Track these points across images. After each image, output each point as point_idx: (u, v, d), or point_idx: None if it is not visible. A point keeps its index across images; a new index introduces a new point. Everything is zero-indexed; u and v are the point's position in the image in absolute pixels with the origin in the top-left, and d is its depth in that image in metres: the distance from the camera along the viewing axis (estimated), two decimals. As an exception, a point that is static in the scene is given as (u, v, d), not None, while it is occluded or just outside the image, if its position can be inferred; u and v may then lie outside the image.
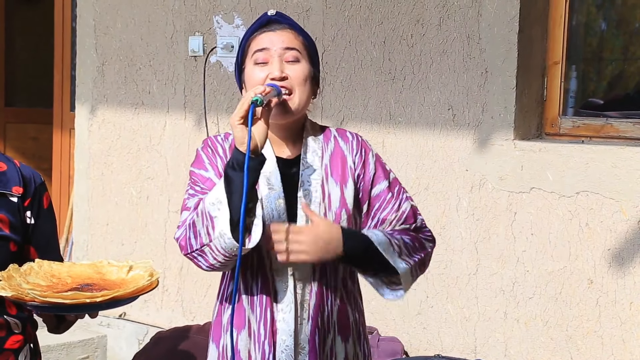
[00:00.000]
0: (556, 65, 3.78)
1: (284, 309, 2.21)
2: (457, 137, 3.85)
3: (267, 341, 2.21)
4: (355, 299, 2.33)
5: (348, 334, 2.29)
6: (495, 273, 3.77)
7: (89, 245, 5.28)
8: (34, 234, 2.39)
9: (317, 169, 2.26)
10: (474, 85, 3.79)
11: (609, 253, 3.49)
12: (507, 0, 3.68)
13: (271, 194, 2.21)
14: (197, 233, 2.12)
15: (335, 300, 2.26)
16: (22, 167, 2.41)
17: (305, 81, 2.23)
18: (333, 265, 2.24)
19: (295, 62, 2.23)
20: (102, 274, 2.22)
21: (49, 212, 2.45)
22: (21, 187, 2.35)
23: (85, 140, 5.29)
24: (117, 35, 5.08)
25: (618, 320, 3.48)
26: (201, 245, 2.11)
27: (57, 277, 2.18)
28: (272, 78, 2.19)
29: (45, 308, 2.06)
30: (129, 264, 2.24)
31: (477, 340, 3.83)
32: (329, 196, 2.24)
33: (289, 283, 2.21)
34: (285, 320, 2.21)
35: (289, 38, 2.24)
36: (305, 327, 2.22)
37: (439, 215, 3.90)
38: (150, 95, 4.95)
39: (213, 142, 2.30)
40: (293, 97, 2.21)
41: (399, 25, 3.99)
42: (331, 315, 2.25)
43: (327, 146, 2.30)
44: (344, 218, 2.24)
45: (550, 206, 3.62)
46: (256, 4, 4.47)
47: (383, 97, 4.06)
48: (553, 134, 3.79)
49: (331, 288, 2.25)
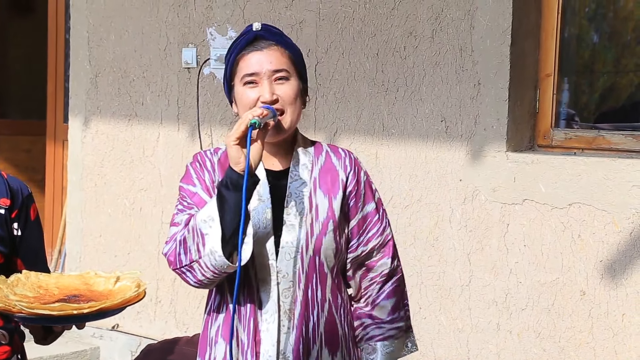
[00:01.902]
0: (548, 78, 3.79)
1: (267, 318, 2.23)
2: (450, 148, 3.86)
3: (249, 350, 2.22)
4: (346, 313, 2.34)
5: (336, 347, 2.29)
6: (488, 284, 3.77)
7: (82, 256, 5.28)
8: (21, 245, 2.39)
9: (305, 181, 2.28)
10: (466, 97, 3.81)
11: (602, 264, 3.50)
12: (499, 13, 3.70)
13: (259, 205, 2.24)
14: (187, 249, 2.15)
15: (322, 311, 2.27)
16: (9, 178, 2.40)
17: (295, 99, 2.27)
18: (320, 276, 2.26)
19: (284, 81, 2.26)
20: (90, 285, 2.22)
21: (36, 224, 2.44)
22: (8, 199, 2.35)
23: (79, 151, 5.29)
24: (111, 47, 5.09)
25: (610, 332, 3.49)
26: (190, 261, 2.15)
27: (45, 289, 2.18)
28: (263, 101, 2.22)
29: (32, 319, 2.06)
30: (116, 274, 2.25)
31: (470, 352, 3.83)
32: (317, 207, 2.26)
33: (272, 293, 2.23)
34: (268, 330, 2.22)
35: (276, 58, 2.26)
36: (289, 336, 2.23)
37: (432, 226, 3.91)
38: (144, 107, 4.96)
39: (202, 157, 2.33)
40: (285, 116, 2.25)
41: (391, 38, 4.01)
42: (317, 326, 2.25)
43: (318, 160, 2.33)
44: (331, 228, 2.26)
45: (542, 218, 3.62)
46: (249, 16, 4.48)
47: (376, 109, 4.07)
48: (545, 145, 3.81)
49: (317, 298, 2.26)
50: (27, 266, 2.34)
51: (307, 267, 2.24)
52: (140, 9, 4.95)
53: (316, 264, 2.25)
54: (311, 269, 2.24)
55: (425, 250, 3.92)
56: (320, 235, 2.25)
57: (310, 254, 2.24)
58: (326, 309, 2.27)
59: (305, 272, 2.24)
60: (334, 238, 2.27)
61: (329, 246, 2.26)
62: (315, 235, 2.24)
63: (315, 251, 2.24)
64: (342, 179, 2.32)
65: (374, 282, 2.38)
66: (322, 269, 2.26)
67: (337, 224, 2.27)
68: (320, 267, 2.26)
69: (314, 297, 2.25)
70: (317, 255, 2.24)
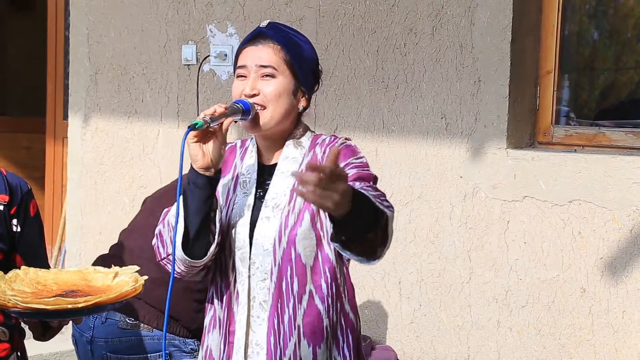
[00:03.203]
0: (549, 75, 3.79)
1: (240, 310, 2.27)
2: (450, 145, 3.86)
3: (222, 339, 2.29)
4: (335, 302, 2.29)
5: (319, 339, 2.26)
6: (489, 281, 3.77)
7: (82, 254, 5.27)
8: (20, 241, 2.39)
9: (290, 174, 2.30)
10: (466, 94, 3.80)
11: (602, 262, 3.50)
12: (499, 10, 3.70)
13: (242, 199, 2.31)
14: (163, 242, 2.27)
15: (299, 303, 2.25)
16: (8, 175, 2.40)
17: (278, 97, 2.28)
18: (296, 268, 2.24)
19: (270, 78, 2.28)
20: (88, 281, 2.23)
21: (35, 220, 2.45)
22: (7, 195, 2.35)
23: (78, 149, 5.28)
24: (111, 44, 5.08)
25: (611, 329, 3.49)
26: (167, 254, 2.25)
27: (43, 284, 2.19)
28: (244, 94, 2.27)
29: (28, 314, 2.07)
30: (115, 270, 2.26)
31: (470, 349, 3.83)
32: (295, 199, 2.27)
33: (245, 284, 2.27)
34: (240, 321, 2.27)
35: (267, 54, 2.29)
36: (262, 328, 2.26)
37: (432, 223, 3.90)
38: (144, 104, 4.95)
39: None
40: (265, 112, 2.27)
41: (392, 34, 4.00)
42: (293, 319, 2.24)
43: (309, 153, 2.33)
44: (307, 218, 2.24)
45: (543, 215, 3.62)
46: (249, 13, 4.48)
47: (376, 106, 4.06)
48: (546, 142, 3.80)
49: (293, 291, 2.24)
50: (26, 262, 2.34)
51: (280, 260, 2.24)
52: (140, 5, 4.94)
53: (292, 256, 2.24)
54: (285, 262, 2.24)
55: (425, 247, 3.92)
56: (294, 227, 2.24)
57: (283, 246, 2.24)
58: (305, 301, 2.25)
59: (278, 264, 2.24)
60: (311, 227, 2.24)
61: (306, 236, 2.24)
62: (290, 227, 2.24)
63: (289, 243, 2.24)
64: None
65: None
66: (298, 261, 2.24)
67: (315, 212, 2.24)
68: (297, 258, 2.24)
69: (288, 290, 2.24)
70: (291, 246, 2.24)
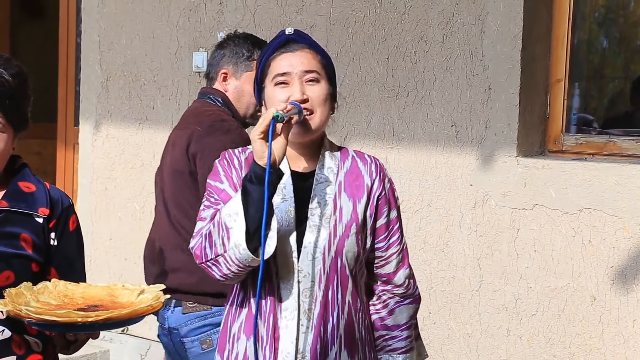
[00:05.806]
0: (559, 83, 3.80)
1: (287, 315, 2.24)
2: (460, 153, 3.86)
3: (268, 346, 2.24)
4: (364, 317, 2.35)
5: (355, 349, 2.30)
6: (498, 289, 3.77)
7: (92, 260, 5.29)
8: (56, 255, 2.40)
9: (330, 183, 2.30)
10: (477, 102, 3.81)
11: (612, 270, 3.50)
12: (510, 19, 3.70)
13: (283, 203, 2.26)
14: (212, 243, 2.19)
15: (341, 313, 2.27)
16: (51, 188, 2.43)
17: (325, 101, 2.29)
18: (341, 278, 2.27)
19: (315, 82, 2.28)
20: (115, 297, 2.22)
21: (75, 234, 2.46)
22: (48, 209, 2.37)
23: (89, 155, 5.30)
24: (122, 50, 5.10)
25: (621, 338, 3.48)
26: (216, 255, 2.18)
27: (70, 297, 2.19)
28: (294, 100, 2.24)
29: (40, 325, 2.08)
30: (141, 288, 2.25)
31: (480, 357, 3.83)
32: (341, 209, 2.28)
33: (293, 290, 2.24)
34: (287, 327, 2.24)
35: (308, 59, 2.29)
36: (308, 335, 2.24)
37: (442, 231, 3.91)
38: (154, 111, 4.97)
39: (230, 155, 2.36)
40: (314, 116, 2.27)
41: (402, 42, 4.01)
42: (336, 328, 2.27)
43: (344, 164, 2.35)
44: (354, 231, 2.28)
45: (553, 223, 3.62)
46: (260, 21, 4.49)
47: (386, 114, 4.07)
48: (556, 151, 3.80)
49: (337, 300, 2.27)
50: (60, 276, 2.34)
51: (328, 268, 2.25)
52: (151, 13, 4.96)
53: (337, 266, 2.26)
54: (332, 271, 2.25)
55: (435, 255, 3.92)
56: (343, 237, 2.26)
57: (332, 256, 2.25)
58: (346, 312, 2.28)
59: (327, 273, 2.25)
60: (355, 241, 2.28)
61: (351, 249, 2.27)
62: (338, 237, 2.26)
63: (338, 253, 2.25)
64: (367, 184, 2.33)
65: (393, 294, 2.40)
66: (343, 271, 2.27)
67: (360, 228, 2.29)
68: (342, 269, 2.27)
69: (334, 299, 2.26)
70: (339, 257, 2.26)
